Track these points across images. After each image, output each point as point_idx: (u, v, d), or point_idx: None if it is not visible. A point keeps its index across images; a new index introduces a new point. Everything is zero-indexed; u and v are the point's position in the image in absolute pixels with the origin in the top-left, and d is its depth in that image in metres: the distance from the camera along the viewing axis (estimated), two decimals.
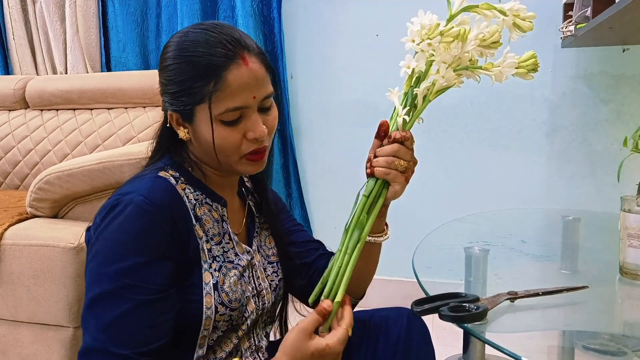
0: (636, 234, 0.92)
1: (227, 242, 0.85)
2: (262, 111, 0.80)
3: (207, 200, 0.84)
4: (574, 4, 1.61)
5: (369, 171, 0.78)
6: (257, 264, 0.90)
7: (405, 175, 0.77)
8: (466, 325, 0.76)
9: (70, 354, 1.29)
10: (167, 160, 0.84)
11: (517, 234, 1.38)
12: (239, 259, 0.85)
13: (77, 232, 1.27)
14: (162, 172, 0.81)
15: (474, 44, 0.70)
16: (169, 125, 0.83)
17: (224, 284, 0.80)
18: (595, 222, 1.51)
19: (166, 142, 0.86)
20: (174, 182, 0.80)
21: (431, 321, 0.87)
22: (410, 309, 0.80)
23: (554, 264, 1.13)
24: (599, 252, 1.21)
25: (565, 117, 1.94)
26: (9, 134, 2.06)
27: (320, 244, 1.02)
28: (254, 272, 0.89)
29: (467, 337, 1.19)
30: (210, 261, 0.81)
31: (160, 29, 2.22)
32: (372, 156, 0.78)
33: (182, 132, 0.82)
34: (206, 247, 0.81)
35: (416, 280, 0.97)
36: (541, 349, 0.81)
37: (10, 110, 2.13)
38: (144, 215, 0.73)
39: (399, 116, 0.75)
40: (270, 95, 0.79)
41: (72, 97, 2.04)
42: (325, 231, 2.18)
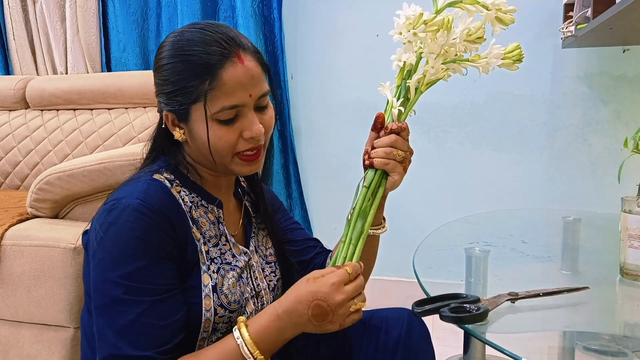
0: (637, 235, 0.92)
1: (224, 244, 0.85)
2: (259, 110, 0.80)
3: (203, 202, 0.84)
4: (574, 4, 1.61)
5: (367, 163, 0.79)
6: (255, 264, 0.90)
7: (403, 165, 0.78)
8: (467, 326, 0.76)
9: (70, 354, 1.29)
10: (161, 162, 0.84)
11: (518, 234, 1.37)
12: (237, 261, 0.85)
13: (78, 233, 1.27)
14: (156, 175, 0.80)
15: (461, 38, 0.73)
16: (165, 126, 0.83)
17: (223, 285, 0.80)
18: (595, 222, 1.50)
19: (161, 143, 0.85)
20: (168, 184, 0.80)
21: (432, 321, 0.87)
22: (410, 309, 0.80)
23: (555, 264, 1.13)
24: (599, 252, 1.21)
25: (565, 118, 1.93)
26: (9, 134, 2.06)
27: (317, 241, 1.02)
28: (252, 273, 0.88)
29: (468, 337, 1.19)
30: (208, 263, 0.80)
31: (160, 29, 2.22)
32: (370, 148, 0.79)
33: (177, 133, 0.81)
34: (204, 249, 0.81)
35: (417, 280, 0.97)
36: (542, 350, 0.80)
37: (10, 110, 2.13)
38: (143, 218, 0.73)
39: (393, 108, 0.77)
40: (266, 93, 0.79)
41: (73, 98, 2.04)
42: (325, 231, 2.18)
